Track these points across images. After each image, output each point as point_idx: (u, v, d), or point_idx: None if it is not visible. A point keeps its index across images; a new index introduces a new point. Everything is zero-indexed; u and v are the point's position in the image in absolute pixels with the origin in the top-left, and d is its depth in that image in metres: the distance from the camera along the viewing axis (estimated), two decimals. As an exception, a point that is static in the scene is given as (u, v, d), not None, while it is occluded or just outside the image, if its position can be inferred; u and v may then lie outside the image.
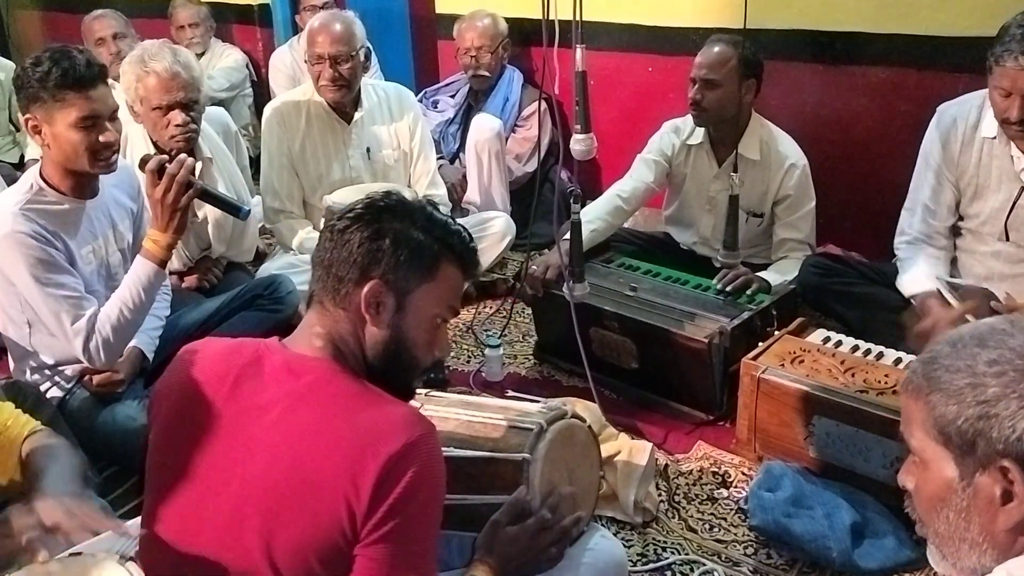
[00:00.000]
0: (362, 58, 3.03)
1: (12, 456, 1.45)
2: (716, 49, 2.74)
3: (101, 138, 2.03)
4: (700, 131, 2.89)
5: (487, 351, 2.81)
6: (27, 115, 2.04)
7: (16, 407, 1.59)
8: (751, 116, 2.84)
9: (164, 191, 2.06)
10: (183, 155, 2.14)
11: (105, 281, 2.22)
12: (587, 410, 2.12)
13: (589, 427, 1.72)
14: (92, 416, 2.18)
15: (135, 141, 2.74)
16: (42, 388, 2.18)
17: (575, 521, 1.53)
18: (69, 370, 2.22)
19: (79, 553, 1.27)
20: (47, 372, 2.22)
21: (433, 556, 1.22)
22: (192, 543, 1.23)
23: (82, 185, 2.14)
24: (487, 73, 3.74)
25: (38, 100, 2.00)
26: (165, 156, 2.16)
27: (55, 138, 2.03)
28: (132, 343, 2.24)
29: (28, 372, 2.23)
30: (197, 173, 2.52)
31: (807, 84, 3.21)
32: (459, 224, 1.35)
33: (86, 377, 2.21)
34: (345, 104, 3.09)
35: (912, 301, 2.43)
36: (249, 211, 2.39)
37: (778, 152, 2.82)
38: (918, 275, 2.44)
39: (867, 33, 3.04)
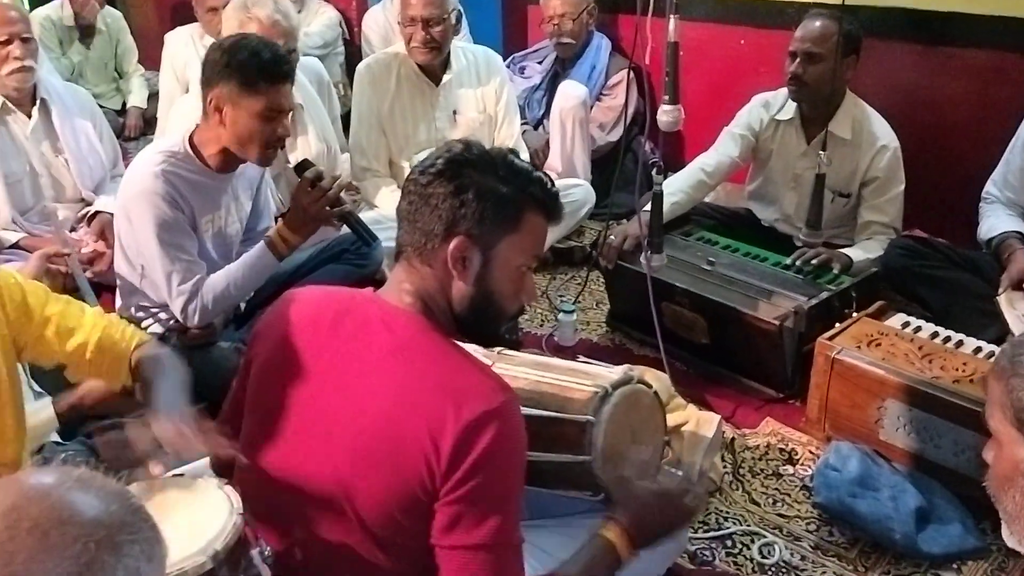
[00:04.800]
0: (453, 21, 3.07)
1: (124, 365, 1.58)
2: (818, 23, 2.68)
3: (279, 131, 2.13)
4: (791, 106, 2.85)
5: (560, 316, 2.86)
6: (212, 90, 2.09)
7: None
8: (845, 94, 2.78)
9: (312, 202, 2.18)
10: (339, 173, 2.26)
11: (220, 249, 2.32)
12: (657, 379, 2.15)
13: (655, 393, 1.74)
14: (188, 355, 2.29)
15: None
16: (143, 325, 2.30)
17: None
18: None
19: (182, 475, 1.38)
20: (152, 310, 2.34)
21: (512, 518, 1.23)
22: (286, 477, 1.31)
23: (229, 163, 2.23)
24: (571, 40, 3.74)
25: (229, 83, 2.06)
26: (322, 168, 2.26)
27: (235, 122, 2.10)
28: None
29: (133, 309, 2.35)
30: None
31: (902, 64, 3.12)
32: (540, 171, 1.35)
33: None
34: (435, 66, 3.14)
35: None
36: (380, 243, 2.48)
37: (870, 132, 2.76)
38: (998, 222, 2.52)
39: (965, 14, 2.93)
